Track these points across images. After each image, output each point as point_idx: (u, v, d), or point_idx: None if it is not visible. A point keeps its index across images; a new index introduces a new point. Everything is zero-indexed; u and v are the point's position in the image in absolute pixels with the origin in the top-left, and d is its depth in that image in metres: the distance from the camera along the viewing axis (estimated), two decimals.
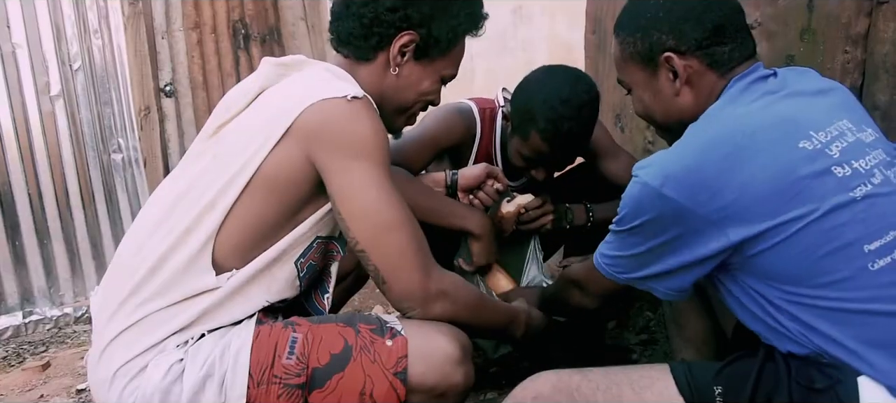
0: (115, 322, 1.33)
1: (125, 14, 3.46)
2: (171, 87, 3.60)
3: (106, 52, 3.54)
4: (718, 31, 1.27)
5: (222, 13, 3.65)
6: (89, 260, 3.58)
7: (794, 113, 1.21)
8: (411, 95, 1.49)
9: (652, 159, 1.20)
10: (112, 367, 1.31)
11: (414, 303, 1.34)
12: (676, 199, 1.14)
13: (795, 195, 1.12)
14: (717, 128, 1.19)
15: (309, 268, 1.44)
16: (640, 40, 1.33)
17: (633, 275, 1.29)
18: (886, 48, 1.77)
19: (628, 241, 1.26)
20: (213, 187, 1.32)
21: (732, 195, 1.12)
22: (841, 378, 1.13)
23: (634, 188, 1.20)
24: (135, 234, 1.42)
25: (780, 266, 1.14)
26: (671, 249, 1.20)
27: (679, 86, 1.30)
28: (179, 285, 1.32)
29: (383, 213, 1.31)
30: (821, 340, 1.15)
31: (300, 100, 1.31)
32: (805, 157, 1.15)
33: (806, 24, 1.96)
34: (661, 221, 1.18)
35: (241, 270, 1.34)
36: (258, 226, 1.33)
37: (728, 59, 1.28)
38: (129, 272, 1.35)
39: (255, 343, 1.29)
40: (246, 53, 3.74)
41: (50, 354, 3.10)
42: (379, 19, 1.41)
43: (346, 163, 1.29)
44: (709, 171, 1.14)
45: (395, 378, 1.28)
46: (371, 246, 1.31)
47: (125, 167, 3.66)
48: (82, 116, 3.50)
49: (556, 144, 1.81)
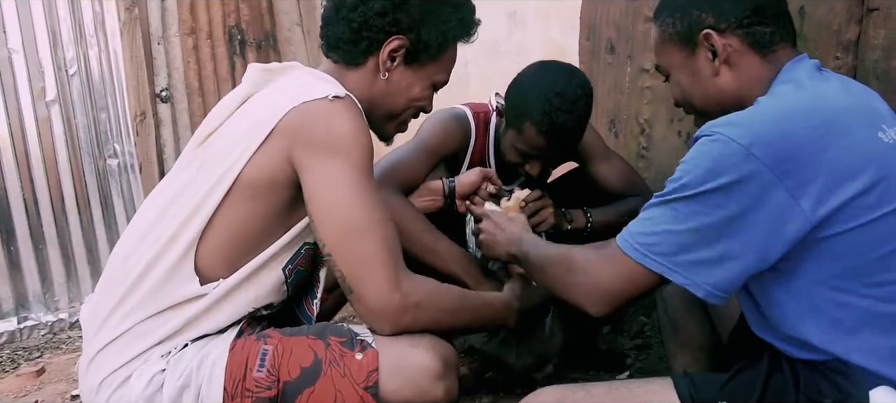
0: (103, 331, 1.33)
1: (121, 19, 3.46)
2: (167, 93, 3.60)
3: (102, 58, 3.55)
4: (759, 11, 1.24)
5: (218, 19, 3.66)
6: (84, 265, 3.58)
7: (867, 102, 1.20)
8: (402, 101, 1.47)
9: (732, 118, 1.12)
10: (99, 376, 1.31)
11: (383, 319, 1.28)
12: (765, 164, 1.06)
13: (877, 183, 1.09)
14: (801, 100, 1.14)
15: (297, 274, 1.43)
16: (680, 20, 1.30)
17: (676, 259, 1.12)
18: (877, 54, 1.79)
19: (687, 211, 1.11)
20: (197, 195, 1.31)
21: (818, 172, 1.07)
22: (852, 390, 1.11)
23: (712, 146, 1.09)
24: (124, 243, 1.41)
25: (844, 254, 1.10)
26: (741, 227, 1.08)
27: (718, 66, 1.27)
28: (164, 294, 1.31)
29: (352, 215, 1.26)
30: (847, 346, 1.12)
31: (283, 104, 1.29)
32: (885, 149, 1.13)
33: (798, 30, 1.97)
34: (741, 187, 1.07)
35: (229, 278, 1.33)
36: (244, 235, 1.32)
37: (769, 41, 1.25)
38: (117, 281, 1.35)
39: (230, 355, 1.28)
40: (242, 59, 3.74)
41: (44, 360, 3.08)
42: (368, 24, 1.39)
43: (319, 160, 1.26)
44: (800, 140, 1.07)
45: (366, 393, 1.25)
46: (337, 250, 1.27)
47: (121, 172, 3.66)
48: (78, 121, 3.50)
49: (550, 136, 1.81)
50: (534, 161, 1.91)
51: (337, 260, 1.27)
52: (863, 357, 1.11)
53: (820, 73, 1.23)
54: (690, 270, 1.12)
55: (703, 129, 1.13)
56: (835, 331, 1.13)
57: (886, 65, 1.77)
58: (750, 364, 1.20)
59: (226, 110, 1.42)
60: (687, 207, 1.11)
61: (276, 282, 1.39)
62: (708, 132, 1.11)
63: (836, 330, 1.13)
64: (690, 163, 1.11)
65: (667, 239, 1.13)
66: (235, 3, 3.70)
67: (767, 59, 1.25)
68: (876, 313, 1.11)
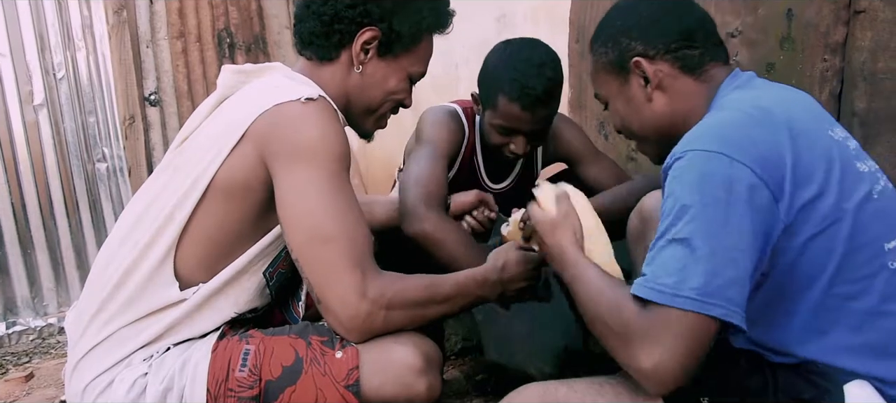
0: (86, 338, 1.33)
1: (109, 23, 3.44)
2: (155, 96, 3.59)
3: (90, 62, 3.53)
4: (687, 35, 1.28)
5: (207, 22, 3.65)
6: (73, 269, 3.56)
7: (811, 103, 1.23)
8: (378, 94, 1.46)
9: (695, 136, 1.12)
10: (83, 382, 1.32)
11: (351, 328, 1.26)
12: (747, 166, 1.05)
13: (836, 183, 1.11)
14: (756, 107, 1.15)
15: (279, 277, 1.42)
16: (611, 49, 1.34)
17: (716, 283, 1.02)
18: (864, 56, 1.80)
19: (704, 224, 1.04)
20: (172, 200, 1.31)
21: (785, 174, 1.08)
22: (828, 387, 1.13)
23: (691, 164, 1.07)
24: (106, 248, 1.41)
25: (814, 257, 1.11)
26: (747, 233, 1.04)
27: (651, 92, 1.30)
28: (143, 300, 1.31)
29: (318, 222, 1.25)
30: (821, 348, 1.14)
31: (256, 106, 1.29)
32: (836, 145, 1.15)
33: (786, 32, 1.99)
34: (735, 191, 1.04)
35: (209, 283, 1.32)
36: (221, 237, 1.32)
37: (699, 63, 1.28)
38: (98, 287, 1.35)
39: (212, 356, 1.28)
40: (231, 62, 3.73)
41: (33, 365, 3.07)
42: (339, 16, 1.39)
43: (289, 165, 1.26)
44: (766, 145, 1.09)
45: (347, 391, 1.25)
46: (302, 256, 1.26)
47: (110, 176, 3.64)
48: (66, 126, 3.48)
49: (523, 102, 1.82)
50: (516, 136, 1.91)
51: (303, 267, 1.27)
52: (836, 357, 1.13)
53: (759, 83, 1.26)
54: (724, 293, 1.03)
55: (671, 158, 1.11)
56: (807, 335, 1.14)
57: (873, 66, 1.78)
58: (729, 365, 1.20)
59: (200, 115, 1.42)
60: (702, 219, 1.04)
61: (258, 286, 1.39)
62: (679, 155, 1.10)
63: (808, 333, 1.14)
64: (678, 190, 1.07)
65: (693, 270, 1.03)
66: (224, 6, 3.69)
67: (701, 80, 1.28)
68: (847, 311, 1.12)
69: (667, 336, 1.02)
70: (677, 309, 1.02)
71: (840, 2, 1.85)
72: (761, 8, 2.04)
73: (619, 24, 1.33)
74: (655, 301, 1.04)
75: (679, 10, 1.31)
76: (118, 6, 3.43)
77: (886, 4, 1.74)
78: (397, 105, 1.52)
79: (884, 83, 1.77)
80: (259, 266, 1.38)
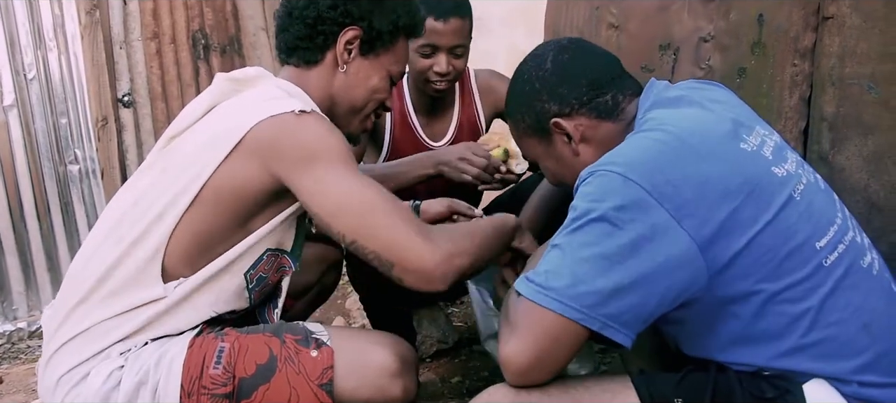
0: (62, 330, 1.34)
1: (82, 23, 3.40)
2: (129, 98, 3.55)
3: (62, 62, 3.49)
4: (594, 84, 1.32)
5: (182, 23, 3.62)
6: (44, 273, 3.50)
7: (724, 114, 1.25)
8: (362, 93, 1.51)
9: (602, 161, 1.17)
10: (57, 374, 1.32)
11: (434, 273, 1.27)
12: (643, 187, 1.09)
13: (749, 194, 1.13)
14: (663, 130, 1.18)
15: (259, 281, 1.44)
16: (527, 115, 1.38)
17: (581, 289, 1.09)
18: (832, 61, 1.83)
19: (591, 236, 1.10)
20: (161, 199, 1.33)
21: (692, 193, 1.10)
22: (789, 387, 1.16)
23: (592, 182, 1.14)
24: (87, 244, 1.42)
25: (748, 272, 1.13)
26: (636, 248, 1.09)
27: (576, 146, 1.33)
28: (127, 295, 1.32)
29: (356, 200, 1.29)
30: (776, 352, 1.16)
31: (249, 116, 1.32)
32: (749, 159, 1.17)
33: (757, 38, 2.01)
34: (626, 212, 1.09)
35: (189, 279, 1.34)
36: (206, 235, 1.34)
37: (613, 105, 1.32)
38: (78, 281, 1.35)
39: (188, 352, 1.30)
40: (206, 64, 3.71)
41: (3, 370, 3.03)
42: (322, 17, 1.44)
43: (305, 167, 1.29)
44: (667, 165, 1.12)
45: (320, 390, 1.27)
46: (360, 233, 1.29)
47: (82, 178, 3.60)
48: (37, 127, 3.43)
49: (438, 14, 2.01)
50: (437, 55, 2.09)
51: (365, 244, 1.29)
52: (790, 362, 1.16)
53: (673, 100, 1.27)
54: (608, 302, 1.09)
55: (579, 178, 1.18)
56: (760, 345, 1.17)
57: (841, 71, 1.81)
58: (697, 368, 1.23)
59: (191, 116, 1.43)
60: (591, 232, 1.10)
61: (238, 288, 1.40)
62: (584, 176, 1.16)
63: (760, 343, 1.17)
64: (577, 204, 1.14)
65: (580, 270, 1.09)
66: (199, 7, 3.66)
67: (619, 119, 1.32)
68: (792, 316, 1.14)
69: (523, 328, 1.11)
70: (537, 304, 1.10)
71: (809, 8, 1.88)
72: (733, 13, 2.07)
73: (528, 89, 1.37)
74: (523, 294, 1.12)
75: (580, 61, 1.35)
76: (91, 6, 3.39)
77: (853, 11, 1.77)
78: (380, 105, 1.56)
79: (851, 88, 1.80)
80: (240, 266, 1.39)
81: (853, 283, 1.17)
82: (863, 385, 1.15)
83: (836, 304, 1.15)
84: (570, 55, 1.36)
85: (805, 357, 1.15)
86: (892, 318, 1.21)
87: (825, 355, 1.15)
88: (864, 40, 1.76)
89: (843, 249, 1.18)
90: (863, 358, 1.15)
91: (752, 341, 1.17)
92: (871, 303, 1.18)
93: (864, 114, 1.79)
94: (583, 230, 1.11)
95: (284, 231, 1.43)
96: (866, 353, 1.15)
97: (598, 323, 1.09)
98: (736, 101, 1.36)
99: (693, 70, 2.17)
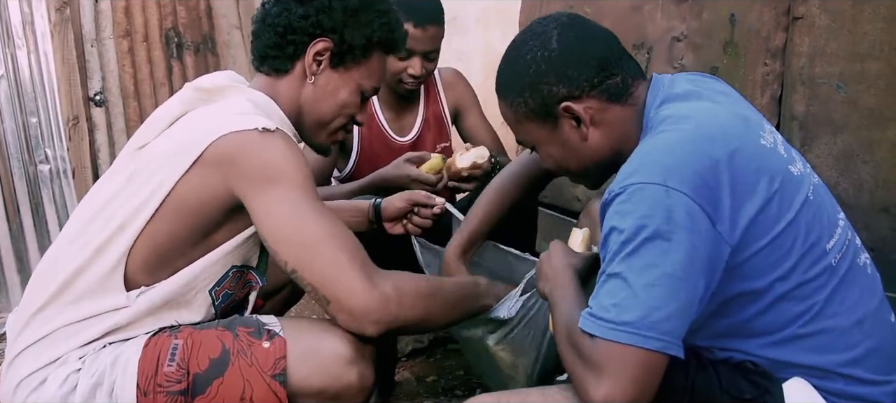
0: (25, 334, 1.33)
1: (52, 21, 3.35)
2: (101, 97, 3.51)
3: (32, 60, 3.41)
4: (604, 65, 1.25)
5: (154, 21, 3.58)
6: (14, 274, 3.44)
7: (737, 111, 1.23)
8: (330, 106, 1.48)
9: (633, 168, 1.11)
10: (17, 378, 1.31)
11: (367, 316, 1.25)
12: (686, 193, 1.05)
13: (775, 193, 1.11)
14: (688, 127, 1.14)
15: (225, 297, 1.43)
16: (531, 98, 1.28)
17: (656, 317, 1.03)
18: (802, 61, 1.86)
19: (649, 257, 1.05)
20: (125, 208, 1.32)
21: (725, 193, 1.08)
22: (768, 387, 1.15)
23: (631, 197, 1.07)
24: (55, 246, 1.42)
25: (764, 270, 1.12)
26: (691, 261, 1.04)
27: (586, 131, 1.26)
28: (89, 302, 1.31)
29: (305, 230, 1.27)
30: (770, 346, 1.16)
31: (213, 129, 1.30)
32: (770, 155, 1.16)
33: (729, 37, 2.04)
34: (675, 221, 1.04)
35: (153, 292, 1.33)
36: (168, 244, 1.33)
37: (624, 87, 1.26)
38: (42, 284, 1.35)
39: (143, 352, 1.29)
40: (179, 62, 3.67)
41: None
42: (292, 27, 1.42)
43: (261, 188, 1.28)
44: (703, 165, 1.08)
45: (274, 381, 1.26)
46: (300, 264, 1.27)
47: (53, 178, 3.54)
48: (6, 126, 3.36)
49: (417, 21, 2.06)
50: (412, 58, 2.13)
51: (303, 275, 1.27)
52: (783, 351, 1.16)
53: (684, 93, 1.24)
54: (667, 323, 1.04)
55: (609, 193, 1.11)
56: (756, 336, 1.17)
57: (811, 71, 1.84)
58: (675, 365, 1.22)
59: (159, 124, 1.42)
60: (636, 263, 1.05)
61: (204, 305, 1.40)
62: (618, 190, 1.10)
63: (756, 335, 1.17)
64: (619, 224, 1.07)
65: (641, 300, 1.03)
66: (173, 5, 3.63)
67: (629, 103, 1.27)
68: (798, 312, 1.15)
69: (611, 370, 1.04)
70: (619, 343, 1.03)
71: (780, 8, 1.90)
72: (705, 12, 2.09)
73: (533, 70, 1.27)
74: (598, 334, 1.05)
75: (587, 41, 1.27)
76: (61, 3, 3.34)
77: (823, 11, 1.80)
78: (349, 119, 1.53)
79: (821, 87, 1.83)
80: (205, 284, 1.38)
81: (851, 280, 1.18)
82: (849, 382, 1.16)
83: (836, 300, 1.16)
84: (576, 33, 1.28)
85: (798, 347, 1.15)
86: (881, 317, 1.22)
87: (818, 347, 1.15)
88: (834, 40, 1.79)
89: (845, 249, 1.19)
90: (853, 353, 1.16)
91: (748, 333, 1.17)
92: (864, 301, 1.19)
93: (834, 113, 1.82)
94: (639, 253, 1.05)
95: (250, 247, 1.42)
96: (857, 348, 1.16)
97: (675, 347, 1.05)
98: (736, 95, 1.34)
99: (666, 69, 2.19)
